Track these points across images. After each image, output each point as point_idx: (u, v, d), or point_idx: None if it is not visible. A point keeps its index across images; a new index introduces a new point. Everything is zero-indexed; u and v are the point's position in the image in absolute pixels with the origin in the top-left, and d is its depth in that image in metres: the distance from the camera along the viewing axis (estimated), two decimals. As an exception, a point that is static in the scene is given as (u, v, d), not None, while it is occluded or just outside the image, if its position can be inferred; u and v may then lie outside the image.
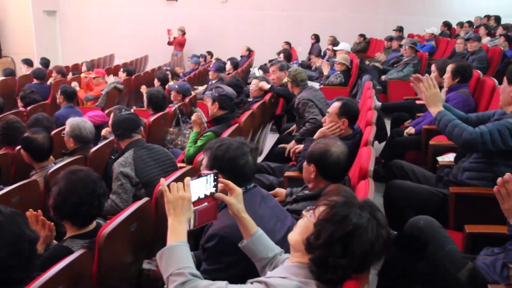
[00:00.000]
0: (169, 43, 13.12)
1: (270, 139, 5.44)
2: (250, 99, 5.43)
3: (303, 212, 1.56)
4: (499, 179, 2.00)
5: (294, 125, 4.88)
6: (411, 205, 2.88)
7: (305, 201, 2.46)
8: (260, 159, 4.87)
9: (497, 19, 10.35)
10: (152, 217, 2.43)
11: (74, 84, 7.10)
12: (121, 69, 8.71)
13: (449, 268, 2.13)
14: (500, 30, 8.96)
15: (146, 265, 2.28)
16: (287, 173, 3.35)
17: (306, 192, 2.56)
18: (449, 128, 2.81)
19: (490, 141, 2.66)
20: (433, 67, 4.67)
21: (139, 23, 14.03)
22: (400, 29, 11.18)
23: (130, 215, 2.18)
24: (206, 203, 1.76)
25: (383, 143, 4.99)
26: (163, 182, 1.67)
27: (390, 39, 9.88)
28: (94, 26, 14.13)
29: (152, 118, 4.49)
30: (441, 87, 4.31)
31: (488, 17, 10.74)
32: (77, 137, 3.65)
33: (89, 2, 14.18)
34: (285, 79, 4.99)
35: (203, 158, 2.17)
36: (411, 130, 4.50)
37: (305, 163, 2.54)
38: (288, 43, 10.96)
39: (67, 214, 2.20)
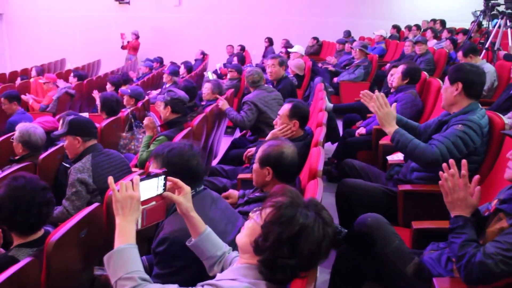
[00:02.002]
0: (123, 47, 12.94)
1: (224, 142, 5.44)
2: (203, 103, 5.43)
3: (250, 214, 1.56)
4: (444, 174, 2.05)
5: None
6: (362, 203, 2.91)
7: (256, 202, 2.48)
8: (215, 162, 4.88)
9: (442, 22, 10.73)
10: (103, 222, 2.39)
11: (27, 98, 7.01)
12: (72, 74, 8.52)
13: (397, 263, 2.19)
14: (445, 34, 9.29)
15: (97, 271, 2.24)
16: (240, 175, 3.36)
17: (257, 194, 2.58)
18: (409, 149, 2.83)
19: (448, 155, 2.71)
20: (398, 68, 4.71)
21: (91, 26, 13.76)
22: (348, 34, 11.45)
23: (80, 221, 2.14)
24: (154, 202, 1.73)
25: (336, 144, 5.07)
26: (111, 181, 1.63)
27: (344, 42, 10.09)
28: (44, 29, 13.76)
29: (104, 123, 4.42)
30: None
31: (434, 21, 11.11)
32: (26, 143, 3.55)
33: (37, 5, 13.78)
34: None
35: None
36: (362, 130, 4.61)
37: (256, 167, 2.51)
38: (232, 46, 11.05)
39: (2, 219, 2.16)
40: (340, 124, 5.53)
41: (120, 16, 13.77)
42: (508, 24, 6.65)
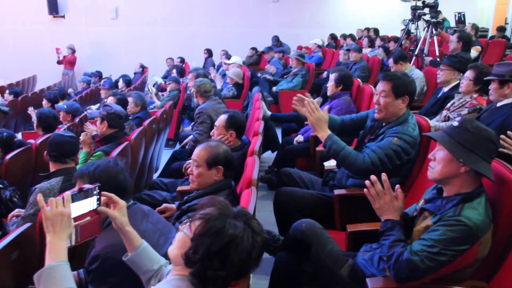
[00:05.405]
0: (59, 62, 12.61)
1: (166, 155, 5.41)
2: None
3: (179, 226, 1.57)
4: (367, 182, 2.17)
5: (190, 137, 4.94)
6: (299, 210, 2.97)
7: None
8: (155, 176, 4.84)
9: (376, 31, 11.13)
10: (37, 243, 2.33)
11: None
12: (7, 91, 8.21)
13: (332, 266, 2.26)
14: (378, 42, 9.64)
15: (31, 297, 2.18)
16: (179, 188, 3.35)
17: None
18: (340, 157, 2.94)
19: (380, 166, 2.85)
20: (331, 77, 4.84)
21: (24, 41, 13.31)
22: (276, 40, 11.69)
23: (11, 242, 2.07)
24: (88, 218, 1.69)
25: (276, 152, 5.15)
26: (41, 199, 1.58)
27: (270, 50, 10.28)
28: (-28, 44, 13.20)
29: (39, 140, 4.29)
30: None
31: (368, 29, 11.50)
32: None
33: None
34: (192, 89, 5.06)
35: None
36: (300, 138, 4.71)
37: (203, 170, 2.52)
38: (173, 59, 11.02)
39: None
40: (279, 133, 5.62)
41: (55, 30, 13.39)
42: (434, 32, 6.99)
